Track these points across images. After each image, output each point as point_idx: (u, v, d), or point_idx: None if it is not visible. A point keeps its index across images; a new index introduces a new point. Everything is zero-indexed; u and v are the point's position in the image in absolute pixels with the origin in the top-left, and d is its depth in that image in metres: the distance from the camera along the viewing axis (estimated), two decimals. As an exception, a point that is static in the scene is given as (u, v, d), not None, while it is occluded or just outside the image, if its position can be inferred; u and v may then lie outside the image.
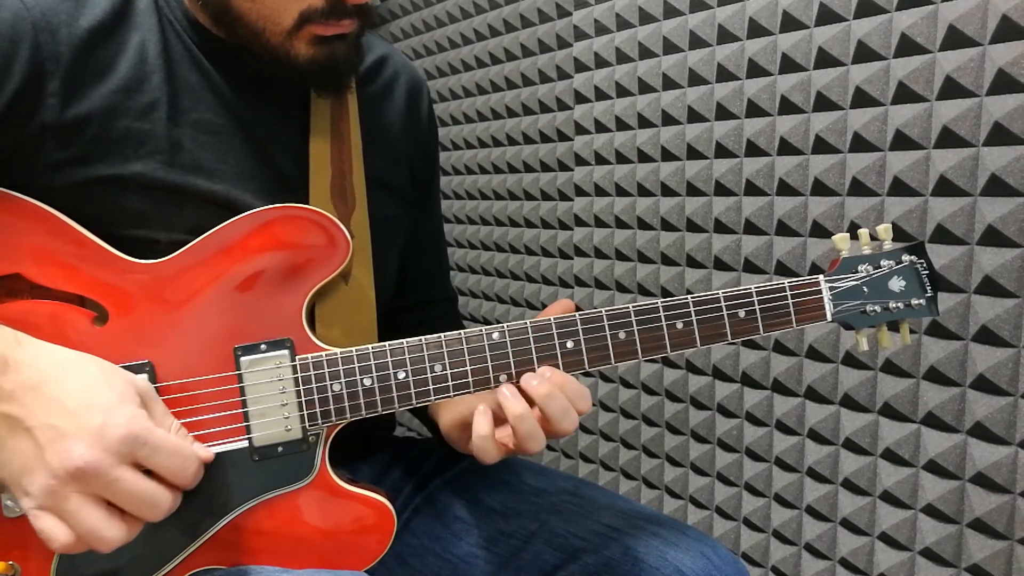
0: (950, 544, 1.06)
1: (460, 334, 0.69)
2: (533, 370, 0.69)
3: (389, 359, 0.68)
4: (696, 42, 1.30)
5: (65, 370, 0.59)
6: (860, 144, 1.09)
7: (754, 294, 0.71)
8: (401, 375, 0.68)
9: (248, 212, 0.69)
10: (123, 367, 0.64)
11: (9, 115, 0.65)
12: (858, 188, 1.10)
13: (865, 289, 0.73)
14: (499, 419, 0.69)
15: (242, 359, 0.67)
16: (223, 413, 0.67)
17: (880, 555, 1.14)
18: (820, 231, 1.16)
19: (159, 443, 0.58)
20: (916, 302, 0.74)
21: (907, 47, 1.02)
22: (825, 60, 1.12)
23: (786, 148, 1.19)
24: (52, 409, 0.56)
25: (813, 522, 1.23)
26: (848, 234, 0.74)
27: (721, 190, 1.30)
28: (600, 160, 1.53)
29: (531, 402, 0.68)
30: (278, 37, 0.70)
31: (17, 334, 0.60)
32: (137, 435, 0.57)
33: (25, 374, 0.57)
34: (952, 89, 0.98)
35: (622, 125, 1.47)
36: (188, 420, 0.66)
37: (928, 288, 0.74)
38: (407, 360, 0.68)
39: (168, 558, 0.66)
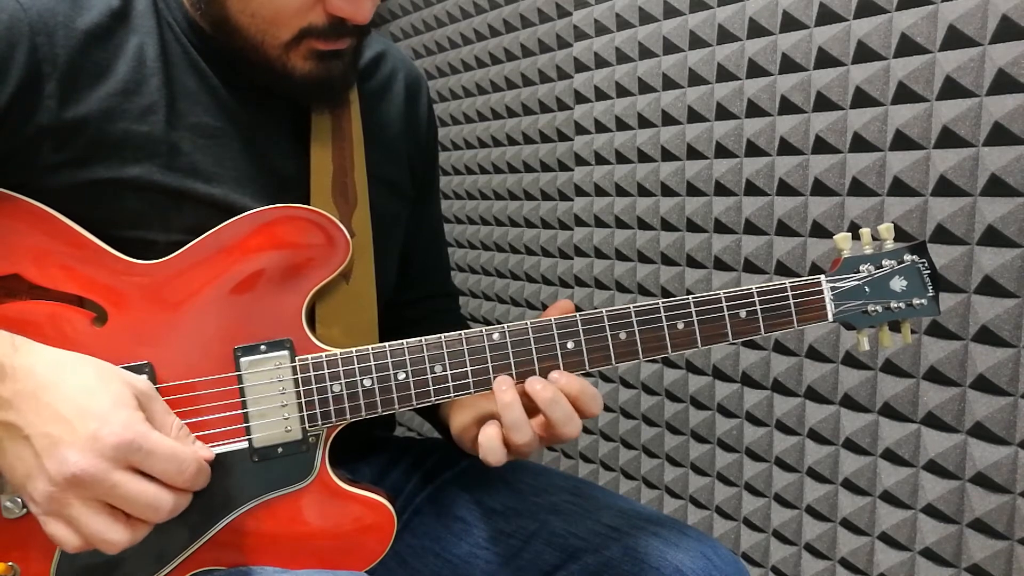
0: (950, 544, 1.06)
1: (460, 335, 0.69)
2: (534, 371, 0.69)
3: (389, 360, 0.68)
4: (696, 42, 1.30)
5: (62, 375, 0.59)
6: (860, 144, 1.09)
7: (755, 294, 0.71)
8: (401, 376, 0.68)
9: (248, 212, 0.69)
10: (122, 368, 0.63)
11: (6, 117, 0.65)
12: (858, 188, 1.10)
13: (867, 289, 0.73)
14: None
15: (242, 360, 0.67)
16: (223, 414, 0.67)
17: (880, 555, 1.14)
18: (820, 231, 1.16)
19: (153, 448, 0.58)
20: (918, 302, 0.73)
21: (907, 47, 1.02)
22: (825, 60, 1.12)
23: (786, 148, 1.19)
24: (48, 416, 0.56)
25: (813, 522, 1.23)
26: (849, 234, 0.74)
27: (721, 190, 1.30)
28: (600, 160, 1.53)
29: (535, 409, 0.67)
30: (275, 50, 0.70)
31: (15, 339, 0.60)
32: (131, 441, 0.57)
33: (22, 381, 0.57)
34: (952, 89, 0.98)
35: (622, 125, 1.47)
36: (188, 421, 0.65)
37: (930, 287, 0.74)
38: (407, 361, 0.68)
39: (168, 559, 0.66)
